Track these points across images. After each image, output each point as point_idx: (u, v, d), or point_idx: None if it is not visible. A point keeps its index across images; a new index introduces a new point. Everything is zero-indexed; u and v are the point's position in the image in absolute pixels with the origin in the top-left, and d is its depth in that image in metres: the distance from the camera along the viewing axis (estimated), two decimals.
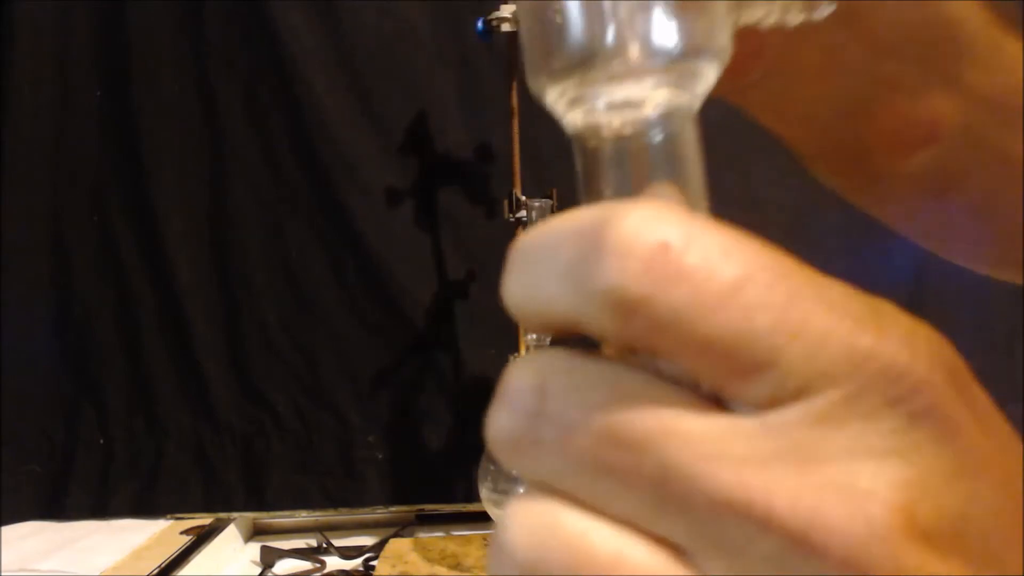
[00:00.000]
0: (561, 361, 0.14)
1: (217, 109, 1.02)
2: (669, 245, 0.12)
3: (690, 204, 0.17)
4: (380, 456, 1.03)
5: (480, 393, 1.00)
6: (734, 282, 0.12)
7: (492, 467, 0.81)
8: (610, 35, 0.17)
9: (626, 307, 0.12)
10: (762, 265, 0.12)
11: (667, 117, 0.18)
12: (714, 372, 0.12)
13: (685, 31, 0.18)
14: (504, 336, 0.90)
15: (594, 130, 0.18)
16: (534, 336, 0.79)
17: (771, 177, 0.97)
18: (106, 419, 1.06)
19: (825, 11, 0.20)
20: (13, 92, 1.04)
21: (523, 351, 0.85)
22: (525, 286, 0.14)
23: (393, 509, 1.02)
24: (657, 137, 0.18)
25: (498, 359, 0.97)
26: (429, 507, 1.02)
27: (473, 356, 1.02)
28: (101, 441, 1.06)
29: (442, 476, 1.02)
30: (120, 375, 1.06)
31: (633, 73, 0.17)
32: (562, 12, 0.18)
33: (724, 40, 0.18)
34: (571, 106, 0.18)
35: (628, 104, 0.18)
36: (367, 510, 1.02)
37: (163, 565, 0.86)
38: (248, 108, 1.02)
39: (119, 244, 1.05)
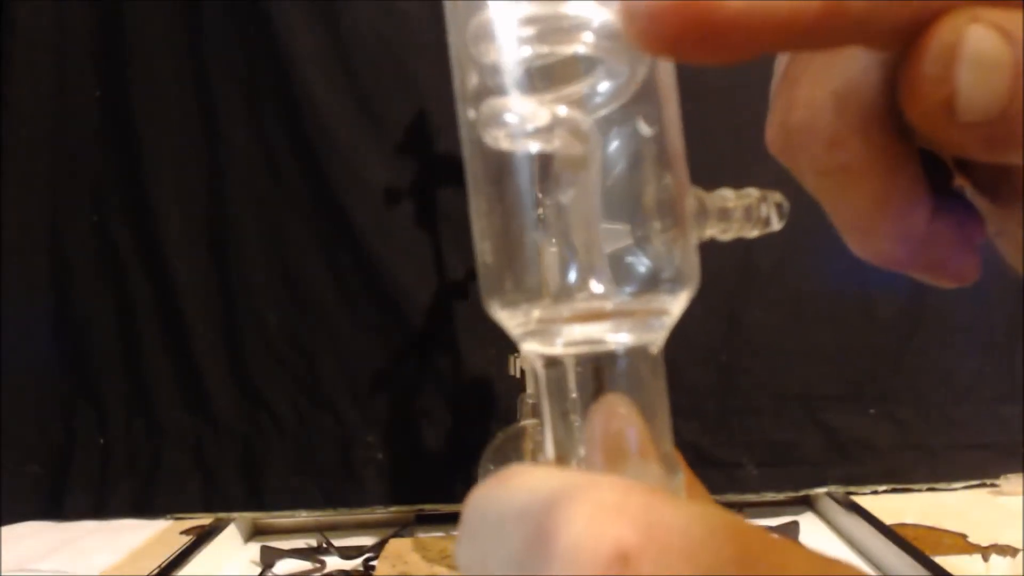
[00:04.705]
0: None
1: (216, 109, 1.02)
2: (627, 557, 0.11)
3: (648, 421, 0.17)
4: (379, 456, 1.03)
5: (480, 393, 1.00)
6: None
7: (492, 467, 0.81)
8: (573, 273, 0.17)
9: None
10: (729, 559, 0.11)
11: (630, 352, 0.17)
12: None
13: (653, 269, 0.17)
14: (504, 336, 0.89)
15: (550, 359, 0.18)
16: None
17: (771, 177, 0.96)
18: (105, 419, 1.06)
19: (777, 227, 0.20)
20: (12, 92, 1.03)
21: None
22: (472, 559, 0.13)
23: (393, 509, 1.02)
24: (618, 366, 0.17)
25: (498, 359, 0.96)
26: (429, 507, 1.02)
27: (472, 356, 1.01)
28: (100, 441, 1.06)
29: (442, 476, 1.02)
30: (119, 375, 1.06)
31: (596, 316, 0.17)
32: (526, 240, 0.16)
33: (693, 268, 0.17)
34: (526, 337, 0.18)
35: (588, 342, 0.17)
36: (367, 510, 1.02)
37: (163, 565, 0.86)
38: (247, 108, 1.02)
39: (118, 244, 1.05)
